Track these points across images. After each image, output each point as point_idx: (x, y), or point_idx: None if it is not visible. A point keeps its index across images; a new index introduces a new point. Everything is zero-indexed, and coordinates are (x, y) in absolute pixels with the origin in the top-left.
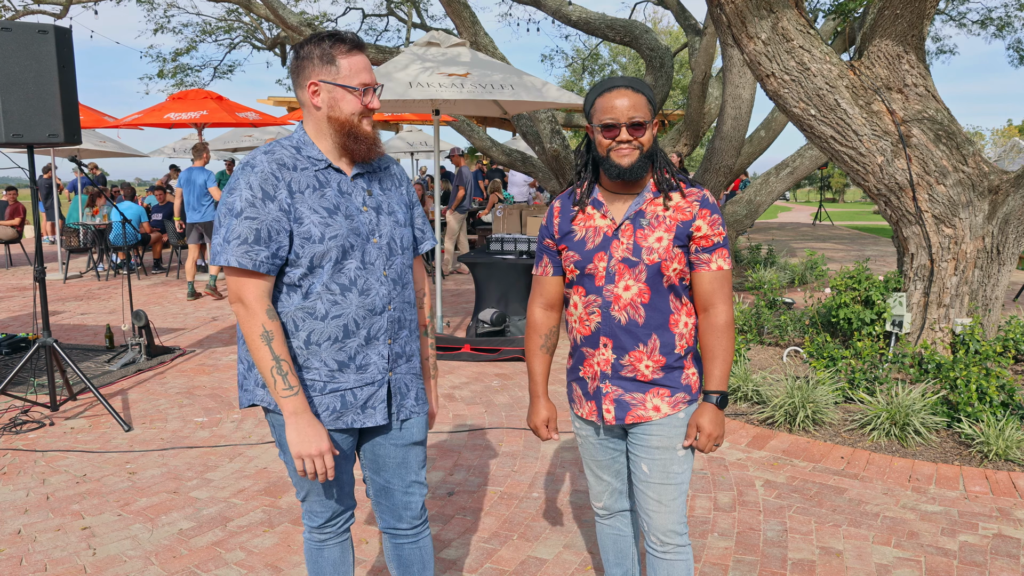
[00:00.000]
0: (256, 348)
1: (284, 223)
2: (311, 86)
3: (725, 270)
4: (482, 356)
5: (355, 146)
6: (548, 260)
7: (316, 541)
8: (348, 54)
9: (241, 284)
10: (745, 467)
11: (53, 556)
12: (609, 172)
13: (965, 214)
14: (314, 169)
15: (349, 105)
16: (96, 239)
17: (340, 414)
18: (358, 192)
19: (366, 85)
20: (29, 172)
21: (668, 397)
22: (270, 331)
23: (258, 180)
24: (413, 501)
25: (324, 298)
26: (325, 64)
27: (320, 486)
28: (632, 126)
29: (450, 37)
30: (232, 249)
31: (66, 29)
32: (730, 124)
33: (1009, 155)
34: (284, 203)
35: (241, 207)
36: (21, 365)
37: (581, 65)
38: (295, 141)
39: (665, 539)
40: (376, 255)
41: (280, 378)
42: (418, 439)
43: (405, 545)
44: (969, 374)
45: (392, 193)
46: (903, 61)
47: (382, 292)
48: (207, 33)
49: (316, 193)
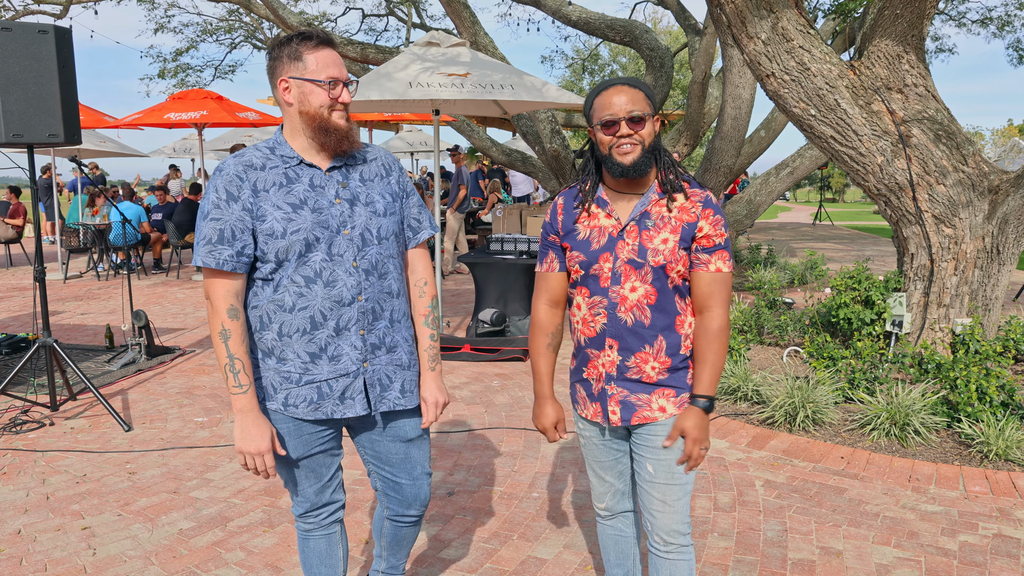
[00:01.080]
0: (216, 344)
1: (247, 222)
2: (282, 83)
3: (724, 272)
4: (482, 356)
5: (326, 139)
6: (553, 256)
7: (302, 530)
8: (315, 50)
9: (209, 283)
10: (745, 467)
11: (53, 556)
12: (612, 171)
13: (965, 214)
14: (284, 167)
15: (317, 98)
16: (96, 239)
17: (317, 405)
18: (331, 185)
19: (333, 79)
20: (29, 172)
21: (674, 398)
22: (228, 330)
23: (223, 183)
24: (422, 492)
25: (290, 290)
26: (293, 61)
27: (295, 476)
28: (631, 120)
29: (450, 37)
30: (199, 249)
31: (66, 29)
32: (730, 124)
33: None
34: (247, 203)
35: (208, 209)
36: (21, 365)
37: (581, 65)
38: (271, 142)
39: (668, 539)
40: (346, 247)
41: (232, 375)
42: (415, 435)
43: (404, 527)
44: (969, 374)
45: (374, 184)
46: (903, 61)
47: (350, 283)
48: (208, 33)
49: (282, 190)
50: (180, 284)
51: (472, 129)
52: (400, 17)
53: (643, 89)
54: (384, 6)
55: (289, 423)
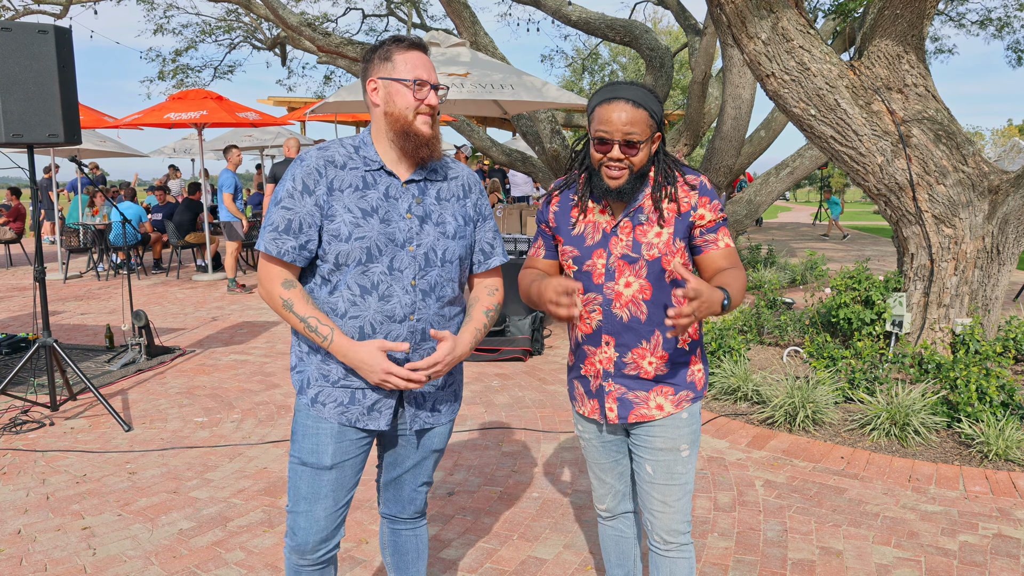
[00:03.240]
0: (287, 319)
1: (316, 218)
2: (370, 83)
3: (732, 247)
4: (482, 356)
5: (406, 143)
6: (542, 243)
7: (296, 564)
8: (405, 51)
9: (264, 267)
10: (745, 467)
11: (53, 556)
12: (597, 187)
13: (965, 214)
14: (364, 169)
15: (403, 99)
16: (96, 239)
17: (345, 409)
18: (406, 198)
19: (420, 80)
20: (29, 172)
21: (672, 395)
22: (288, 299)
23: (302, 173)
24: (419, 498)
25: (345, 296)
26: (383, 61)
27: (318, 488)
28: (626, 144)
29: (450, 37)
30: (265, 235)
31: (66, 29)
32: (730, 124)
33: (1009, 155)
34: (321, 199)
35: (281, 196)
36: (21, 365)
37: (581, 65)
38: (357, 141)
39: (669, 538)
40: (408, 263)
41: (313, 333)
42: (438, 447)
43: (403, 532)
44: (969, 374)
45: (449, 204)
46: (903, 61)
47: (405, 301)
48: (207, 33)
49: (356, 193)
50: (180, 284)
51: (472, 129)
52: (400, 17)
53: (647, 108)
54: (385, 6)
55: (334, 426)
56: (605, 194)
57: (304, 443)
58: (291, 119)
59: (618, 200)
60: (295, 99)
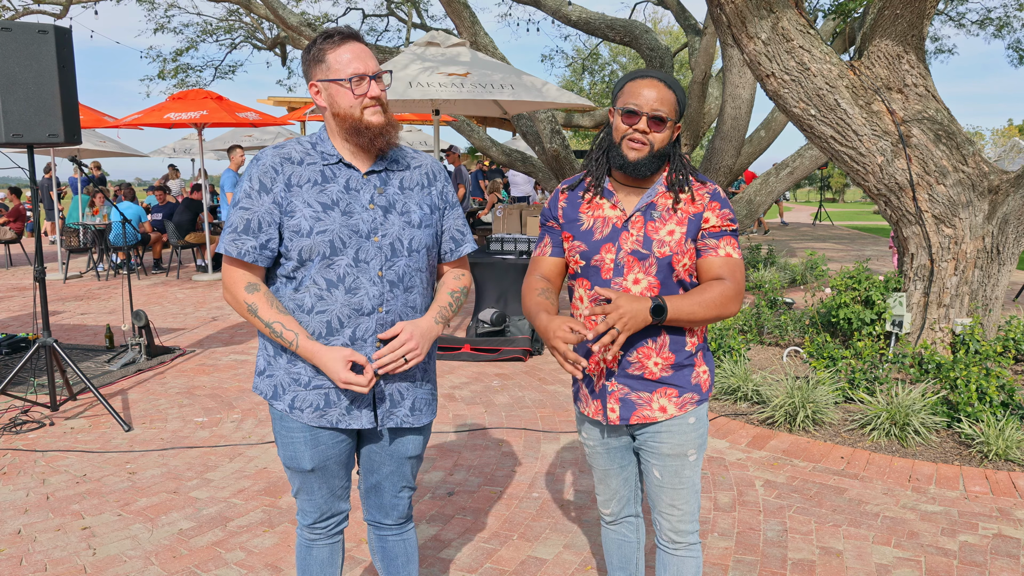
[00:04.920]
0: (253, 323)
1: (275, 215)
2: (312, 87)
3: (735, 258)
4: (482, 356)
5: (360, 139)
6: (549, 240)
7: (306, 539)
8: (335, 48)
9: (227, 271)
10: (745, 467)
11: (53, 556)
12: (614, 161)
13: (965, 214)
14: (323, 164)
15: (344, 99)
16: (96, 239)
17: (323, 412)
18: (368, 189)
19: (356, 74)
20: (29, 172)
21: (676, 397)
22: (252, 303)
23: (258, 173)
24: (401, 503)
25: (311, 291)
26: (317, 64)
27: (309, 484)
28: (653, 119)
29: (450, 37)
30: (225, 236)
31: (66, 29)
32: (730, 124)
33: (1009, 155)
34: (278, 196)
35: (239, 198)
36: (21, 365)
37: (581, 65)
38: (314, 137)
39: (677, 538)
40: (374, 254)
41: (279, 337)
42: (414, 453)
43: (389, 538)
44: (969, 374)
45: (413, 193)
46: (903, 61)
47: (372, 292)
48: (208, 33)
49: (316, 187)
50: (180, 284)
51: (472, 129)
52: (400, 17)
53: (677, 93)
54: (385, 6)
55: (306, 432)
56: (621, 168)
57: (284, 450)
58: (291, 119)
59: (632, 182)
60: (295, 99)
